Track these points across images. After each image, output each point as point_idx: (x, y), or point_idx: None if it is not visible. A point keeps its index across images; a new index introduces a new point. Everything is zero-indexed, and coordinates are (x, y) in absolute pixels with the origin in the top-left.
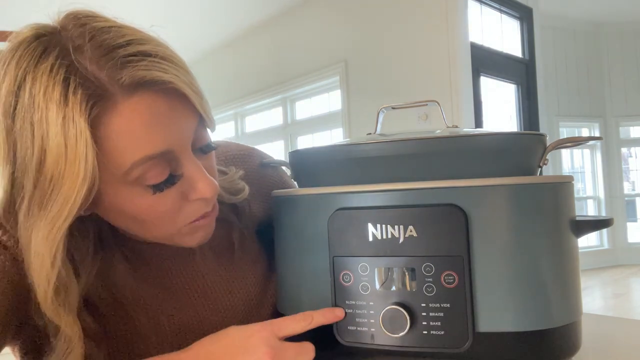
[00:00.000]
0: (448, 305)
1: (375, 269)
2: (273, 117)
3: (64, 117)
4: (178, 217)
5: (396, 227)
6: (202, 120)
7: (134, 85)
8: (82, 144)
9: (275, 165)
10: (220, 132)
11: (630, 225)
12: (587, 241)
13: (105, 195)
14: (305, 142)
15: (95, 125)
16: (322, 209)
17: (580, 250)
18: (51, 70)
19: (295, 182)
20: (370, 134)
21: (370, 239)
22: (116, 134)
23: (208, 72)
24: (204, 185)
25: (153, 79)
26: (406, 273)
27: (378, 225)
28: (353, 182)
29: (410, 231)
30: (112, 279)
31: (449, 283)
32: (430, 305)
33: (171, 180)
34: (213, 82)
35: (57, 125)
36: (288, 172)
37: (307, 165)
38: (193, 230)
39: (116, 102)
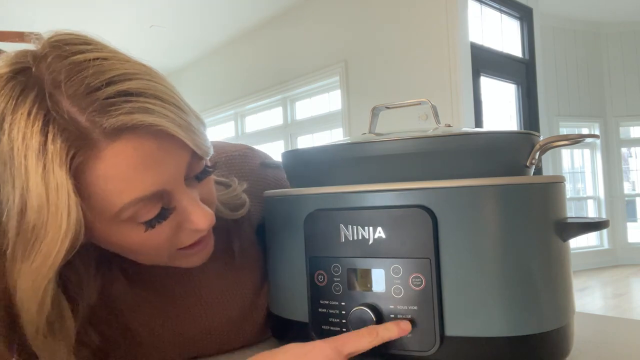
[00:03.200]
0: (415, 307)
1: (346, 270)
2: (273, 117)
3: (43, 168)
4: (172, 245)
5: (366, 228)
6: (194, 152)
7: (116, 131)
8: (64, 196)
9: (274, 166)
10: (221, 132)
11: (630, 225)
12: (587, 241)
13: (96, 231)
14: (305, 142)
15: (78, 173)
16: (299, 210)
17: (580, 250)
18: (29, 116)
19: (288, 182)
20: (365, 133)
21: (343, 239)
22: (102, 179)
23: (208, 72)
24: (198, 217)
25: (136, 124)
26: (375, 274)
27: (349, 227)
28: (339, 183)
29: (379, 232)
30: (109, 294)
31: (416, 285)
32: (398, 307)
33: (163, 215)
34: (213, 82)
35: (37, 175)
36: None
37: (296, 167)
38: (186, 255)
39: (99, 148)
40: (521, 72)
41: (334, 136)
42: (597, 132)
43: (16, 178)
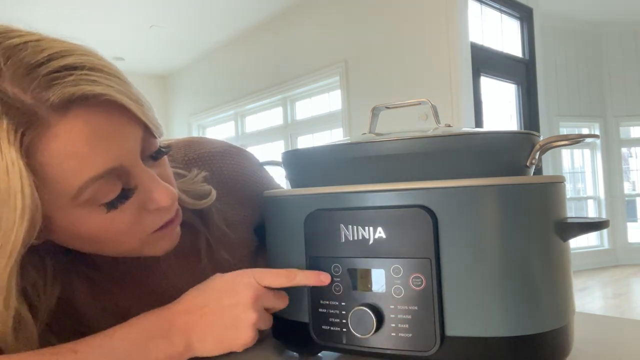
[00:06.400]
0: (416, 307)
1: (347, 270)
2: (273, 117)
3: None
4: (138, 230)
5: (366, 228)
6: (148, 128)
7: (64, 104)
8: (15, 177)
9: (259, 165)
10: (221, 132)
11: (630, 225)
12: (587, 241)
13: (56, 221)
14: (305, 142)
15: (31, 153)
16: (299, 210)
17: (580, 250)
18: None
19: (288, 182)
20: (365, 133)
21: (343, 239)
22: (56, 159)
23: (208, 72)
24: (160, 194)
25: (84, 94)
26: (375, 274)
27: (350, 227)
28: (339, 183)
29: (380, 232)
30: (72, 304)
31: (416, 285)
32: (399, 307)
33: (124, 195)
34: (213, 82)
35: None
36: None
37: (296, 167)
38: (156, 239)
39: (49, 125)
40: (521, 72)
41: (334, 136)
42: (597, 132)
43: None
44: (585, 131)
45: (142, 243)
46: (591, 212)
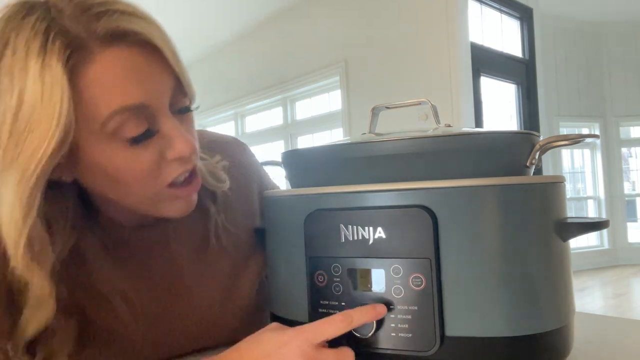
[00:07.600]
0: (416, 307)
1: (347, 270)
2: (273, 117)
3: (42, 65)
4: (157, 177)
5: (366, 228)
6: (179, 84)
7: (109, 37)
8: (57, 89)
9: (270, 165)
10: (220, 132)
11: (630, 225)
12: (587, 241)
13: (83, 151)
14: (305, 142)
15: (73, 75)
16: (299, 210)
17: (580, 250)
18: (33, 25)
19: (288, 182)
20: (365, 133)
21: (343, 239)
22: (93, 84)
23: (208, 72)
24: (181, 143)
25: (126, 30)
26: (375, 274)
27: (349, 227)
28: (339, 183)
29: (379, 232)
30: (84, 258)
31: (416, 285)
32: (399, 307)
33: (148, 133)
34: (213, 82)
35: (36, 72)
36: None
37: (296, 167)
38: (173, 197)
39: (93, 52)
40: (521, 72)
41: (334, 136)
42: (597, 132)
43: (16, 80)
44: (585, 131)
45: (158, 197)
46: (591, 212)
